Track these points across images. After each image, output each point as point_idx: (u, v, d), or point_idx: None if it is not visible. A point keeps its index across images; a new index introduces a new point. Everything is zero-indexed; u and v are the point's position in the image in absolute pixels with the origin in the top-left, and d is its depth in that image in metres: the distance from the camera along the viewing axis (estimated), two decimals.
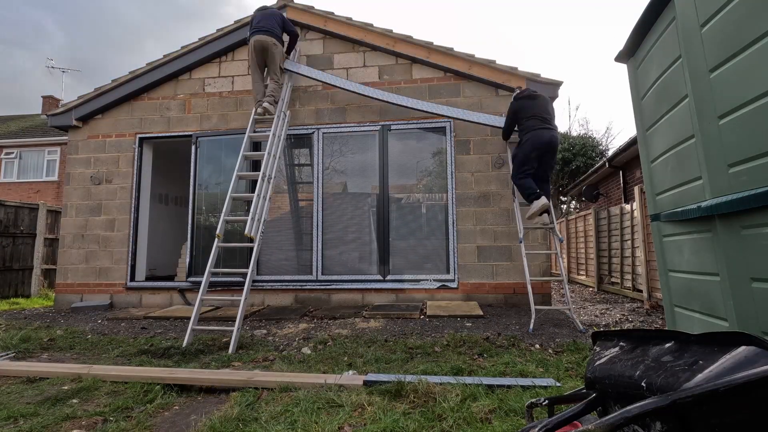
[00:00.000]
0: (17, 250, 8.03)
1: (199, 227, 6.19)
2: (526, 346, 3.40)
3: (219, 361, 3.18)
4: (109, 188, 6.33)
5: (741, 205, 1.50)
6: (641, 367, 1.08)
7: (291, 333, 4.09)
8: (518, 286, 5.35)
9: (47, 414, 2.14)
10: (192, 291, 5.92)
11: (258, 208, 4.58)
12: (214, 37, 6.28)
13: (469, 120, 5.39)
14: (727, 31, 1.58)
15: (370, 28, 5.97)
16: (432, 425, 1.90)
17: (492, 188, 5.60)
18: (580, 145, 17.36)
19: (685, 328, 1.73)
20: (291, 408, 2.16)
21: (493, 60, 5.72)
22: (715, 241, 1.72)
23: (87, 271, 6.22)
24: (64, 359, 3.32)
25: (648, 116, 2.32)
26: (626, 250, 7.43)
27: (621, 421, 0.83)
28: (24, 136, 17.36)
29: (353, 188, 6.14)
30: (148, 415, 2.16)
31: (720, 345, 0.95)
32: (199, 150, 6.26)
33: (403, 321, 4.51)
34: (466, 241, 5.55)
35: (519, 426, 1.83)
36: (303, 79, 6.14)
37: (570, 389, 2.17)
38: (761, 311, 1.48)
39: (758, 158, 1.45)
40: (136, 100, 6.46)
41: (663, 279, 2.32)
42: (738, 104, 1.53)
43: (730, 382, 0.80)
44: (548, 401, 1.40)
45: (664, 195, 2.21)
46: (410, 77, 5.94)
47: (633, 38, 2.32)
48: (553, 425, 1.05)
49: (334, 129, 6.00)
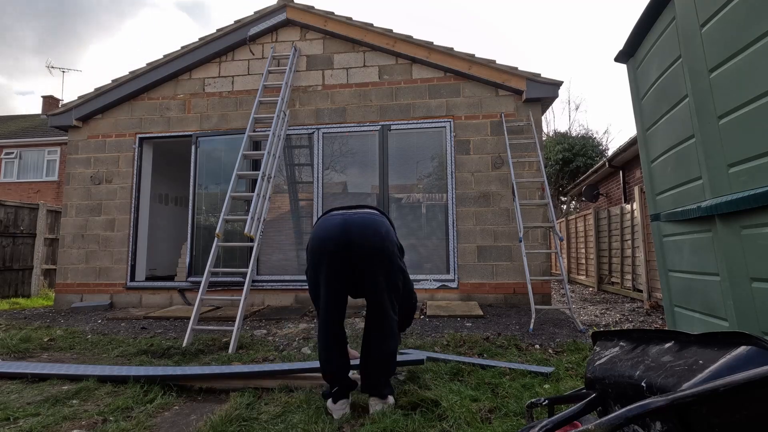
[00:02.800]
0: (17, 250, 8.03)
1: (199, 227, 6.19)
2: (526, 346, 3.40)
3: (219, 361, 3.17)
4: (109, 188, 6.33)
5: (741, 205, 1.50)
6: (641, 367, 1.08)
7: (291, 333, 4.09)
8: (518, 286, 5.35)
9: (47, 414, 2.14)
10: (192, 291, 5.92)
11: (258, 208, 4.58)
12: (214, 37, 6.28)
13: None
14: (727, 31, 1.58)
15: (370, 28, 5.97)
16: (432, 425, 1.90)
17: (492, 188, 5.60)
18: (580, 145, 17.37)
19: (685, 328, 1.72)
20: (291, 408, 2.17)
21: (493, 60, 5.72)
22: (715, 241, 1.72)
23: (87, 271, 6.22)
24: (64, 359, 3.32)
25: (648, 116, 2.32)
26: (626, 250, 7.43)
27: (621, 421, 0.83)
28: (24, 136, 17.35)
29: (353, 188, 6.14)
30: (148, 415, 2.16)
31: (720, 345, 0.95)
32: (199, 150, 6.26)
33: None
34: (466, 241, 5.55)
35: (519, 426, 1.83)
36: (303, 79, 6.14)
37: (570, 389, 2.17)
38: (761, 311, 1.48)
39: (758, 158, 1.45)
40: (136, 100, 6.46)
41: (663, 279, 2.32)
42: (738, 104, 1.53)
43: (730, 382, 0.80)
44: (548, 401, 1.41)
45: (664, 195, 2.21)
46: (410, 77, 5.94)
47: (633, 38, 2.32)
48: (553, 425, 1.05)
49: (334, 129, 6.00)
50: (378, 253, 2.04)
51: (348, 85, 6.04)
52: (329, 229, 2.08)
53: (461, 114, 5.77)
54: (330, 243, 2.03)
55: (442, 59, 5.79)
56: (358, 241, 2.02)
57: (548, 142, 18.26)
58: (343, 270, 2.04)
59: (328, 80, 6.10)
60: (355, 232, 2.03)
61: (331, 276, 2.04)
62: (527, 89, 5.55)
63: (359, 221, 2.08)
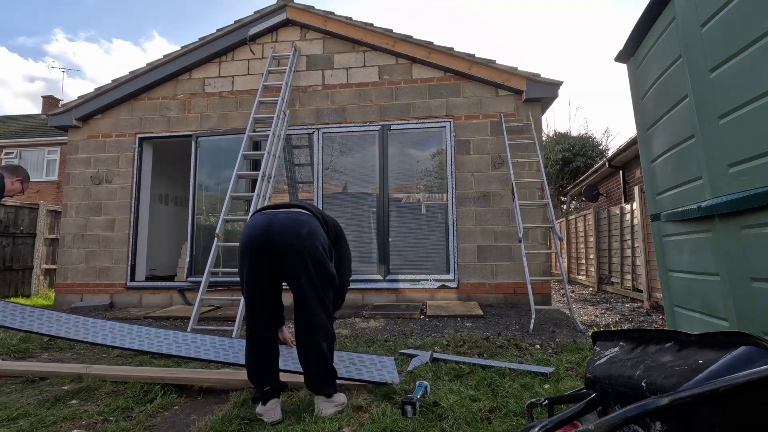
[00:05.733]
0: (17, 250, 8.03)
1: (199, 227, 6.19)
2: (526, 346, 3.39)
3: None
4: (109, 188, 6.33)
5: (741, 205, 1.50)
6: (641, 367, 1.08)
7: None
8: (518, 286, 5.35)
9: (47, 414, 2.14)
10: (192, 291, 5.92)
11: (258, 208, 4.57)
12: (214, 37, 6.28)
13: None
14: (727, 31, 1.58)
15: (370, 28, 5.97)
16: (432, 425, 1.90)
17: (492, 188, 5.60)
18: (580, 145, 17.37)
19: (685, 328, 1.72)
20: (291, 408, 2.17)
21: (493, 60, 5.72)
22: (715, 241, 1.72)
23: (87, 271, 6.22)
24: (64, 359, 3.32)
25: (648, 116, 2.31)
26: (626, 250, 7.43)
27: (621, 421, 0.83)
28: (24, 136, 17.36)
29: (353, 188, 6.15)
30: (148, 415, 2.16)
31: (720, 345, 0.95)
32: (199, 150, 6.26)
33: (403, 321, 4.50)
34: (466, 241, 5.55)
35: (519, 426, 1.83)
36: (303, 79, 6.14)
37: (570, 389, 2.17)
38: (761, 311, 1.48)
39: (758, 158, 1.45)
40: (136, 100, 6.46)
41: (663, 279, 2.32)
42: (738, 104, 1.53)
43: (730, 382, 0.80)
44: (548, 401, 1.41)
45: (665, 195, 2.21)
46: (410, 77, 5.94)
47: (633, 38, 2.31)
48: (553, 425, 1.05)
49: (334, 129, 6.00)
50: (297, 252, 2.03)
51: (348, 85, 6.04)
52: (253, 227, 2.10)
53: (461, 114, 5.77)
54: (252, 241, 2.06)
55: (442, 59, 5.79)
56: (277, 239, 2.03)
57: (548, 142, 18.25)
58: (265, 268, 2.06)
59: (328, 80, 6.10)
60: (276, 232, 2.04)
61: (252, 273, 2.07)
62: (527, 89, 5.55)
63: (282, 221, 2.08)
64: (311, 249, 2.06)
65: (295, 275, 2.06)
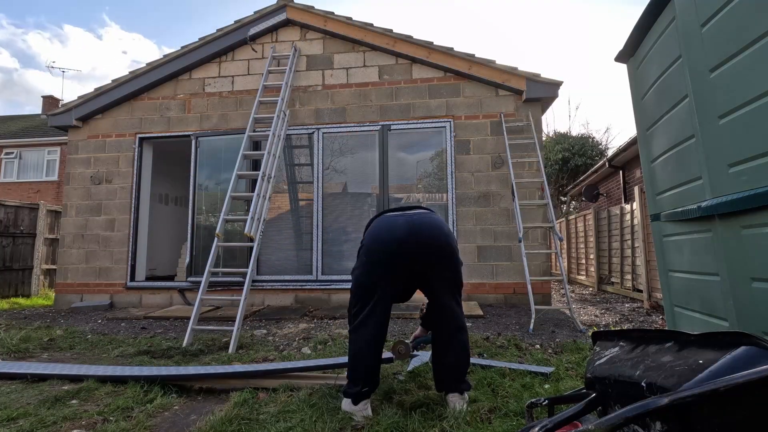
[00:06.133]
0: (17, 250, 8.03)
1: (199, 227, 6.19)
2: (526, 346, 3.39)
3: (219, 361, 3.17)
4: (109, 188, 6.33)
5: (741, 205, 1.50)
6: (641, 367, 1.08)
7: (291, 333, 4.09)
8: (518, 286, 5.35)
9: (47, 414, 2.14)
10: (192, 291, 5.92)
11: (258, 208, 4.58)
12: (214, 37, 6.28)
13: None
14: (727, 31, 1.58)
15: (370, 28, 5.97)
16: (432, 425, 1.90)
17: (492, 188, 5.60)
18: (580, 145, 17.37)
19: (685, 328, 1.72)
20: (291, 408, 2.16)
21: (493, 60, 5.72)
22: (715, 241, 1.72)
23: (87, 271, 6.22)
24: (64, 359, 3.32)
25: (648, 116, 2.31)
26: (626, 250, 7.43)
27: (621, 421, 0.83)
28: (24, 136, 17.35)
29: (353, 188, 6.14)
30: (148, 415, 2.16)
31: (720, 345, 0.95)
32: (199, 150, 6.26)
33: (403, 321, 4.50)
34: (466, 241, 5.55)
35: (519, 426, 1.83)
36: (303, 79, 6.14)
37: (570, 389, 2.17)
38: (761, 311, 1.48)
39: (758, 158, 1.45)
40: (136, 100, 6.46)
41: (663, 279, 2.32)
42: (738, 104, 1.53)
43: (730, 382, 0.80)
44: (548, 401, 1.41)
45: (665, 195, 2.21)
46: (410, 77, 5.94)
47: (633, 38, 2.31)
48: (553, 425, 1.05)
49: (334, 129, 6.00)
50: (449, 255, 2.06)
51: (348, 85, 6.04)
52: (393, 229, 2.01)
53: (461, 114, 5.77)
54: (394, 244, 1.98)
55: (442, 59, 5.79)
56: (426, 241, 2.00)
57: (548, 142, 18.25)
58: (403, 272, 2.04)
59: (328, 80, 6.11)
60: (425, 233, 2.00)
61: (388, 276, 2.01)
62: (527, 89, 5.55)
63: (425, 221, 2.05)
64: (455, 248, 2.11)
65: (441, 276, 2.06)
